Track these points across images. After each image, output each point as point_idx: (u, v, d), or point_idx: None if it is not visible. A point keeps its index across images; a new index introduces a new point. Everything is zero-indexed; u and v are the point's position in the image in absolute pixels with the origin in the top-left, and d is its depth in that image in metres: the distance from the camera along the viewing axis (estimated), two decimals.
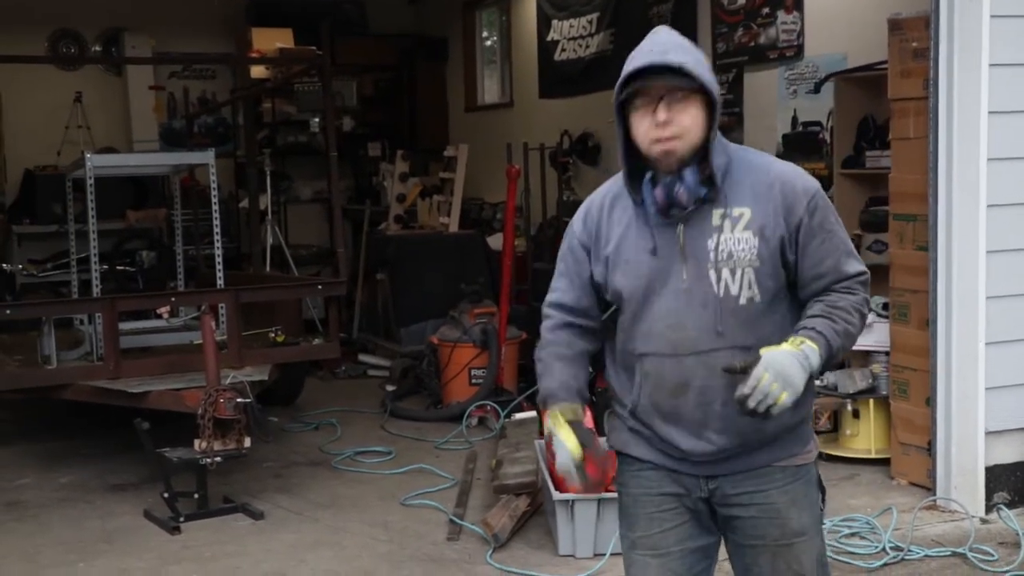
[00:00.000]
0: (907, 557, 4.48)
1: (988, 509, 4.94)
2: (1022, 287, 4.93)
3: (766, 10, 7.37)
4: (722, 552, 2.74)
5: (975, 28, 4.75)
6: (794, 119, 7.29)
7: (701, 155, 2.50)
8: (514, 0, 10.69)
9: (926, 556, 4.50)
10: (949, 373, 5.02)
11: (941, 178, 4.96)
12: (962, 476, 5.00)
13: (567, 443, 2.53)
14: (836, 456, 5.78)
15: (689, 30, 8.14)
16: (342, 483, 5.78)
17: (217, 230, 6.39)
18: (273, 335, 6.47)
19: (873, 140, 6.37)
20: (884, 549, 4.54)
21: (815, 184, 2.57)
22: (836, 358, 2.54)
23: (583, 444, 2.53)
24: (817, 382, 5.83)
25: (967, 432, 4.98)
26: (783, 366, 2.40)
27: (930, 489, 5.15)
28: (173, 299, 6.37)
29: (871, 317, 5.68)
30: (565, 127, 9.62)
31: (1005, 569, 4.33)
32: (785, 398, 2.39)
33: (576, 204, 10.24)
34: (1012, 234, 4.90)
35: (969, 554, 4.48)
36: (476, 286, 7.26)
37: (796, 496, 2.59)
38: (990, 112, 4.78)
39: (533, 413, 6.12)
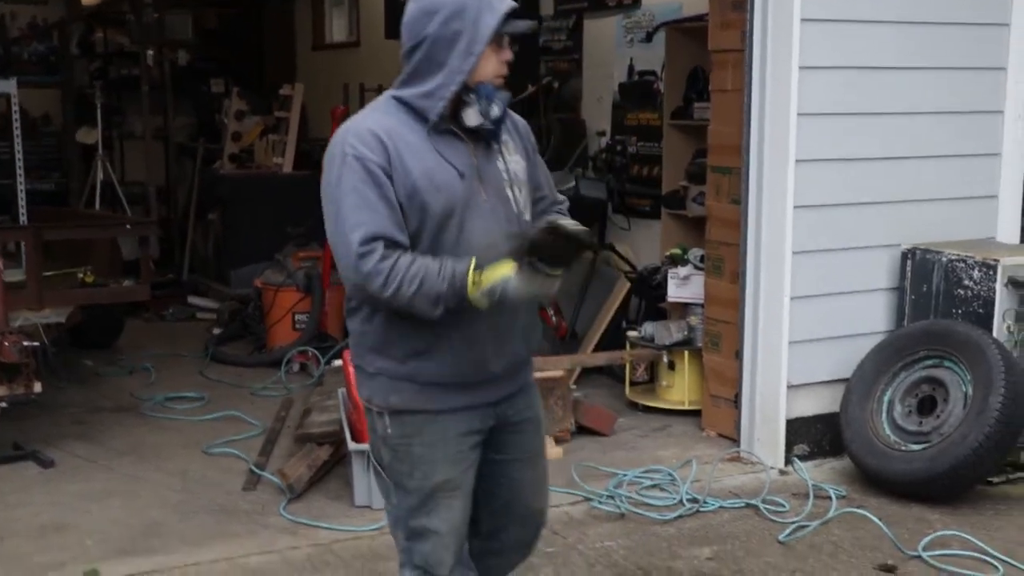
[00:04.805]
0: (702, 509, 4.51)
1: (787, 461, 5.01)
2: (825, 243, 4.98)
3: None
4: None
5: None
6: (631, 68, 7.25)
7: None
8: None
9: (720, 508, 4.54)
10: (756, 326, 5.06)
11: (754, 132, 4.96)
12: (765, 428, 5.07)
13: (504, 272, 2.50)
14: (652, 407, 5.82)
15: None
16: (148, 430, 5.58)
17: (20, 164, 6.05)
18: (82, 275, 6.18)
19: (702, 92, 6.36)
20: (681, 501, 4.56)
21: None
22: None
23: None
24: (633, 333, 5.88)
25: (771, 385, 5.03)
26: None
27: (736, 441, 5.21)
28: None
29: (689, 269, 5.74)
30: None
31: (793, 520, 4.39)
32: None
33: None
34: (818, 190, 4.93)
35: (761, 505, 4.53)
36: (302, 229, 7.07)
37: (541, 407, 2.96)
38: (801, 67, 4.78)
39: None
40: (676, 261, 5.84)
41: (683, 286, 5.76)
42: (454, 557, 2.78)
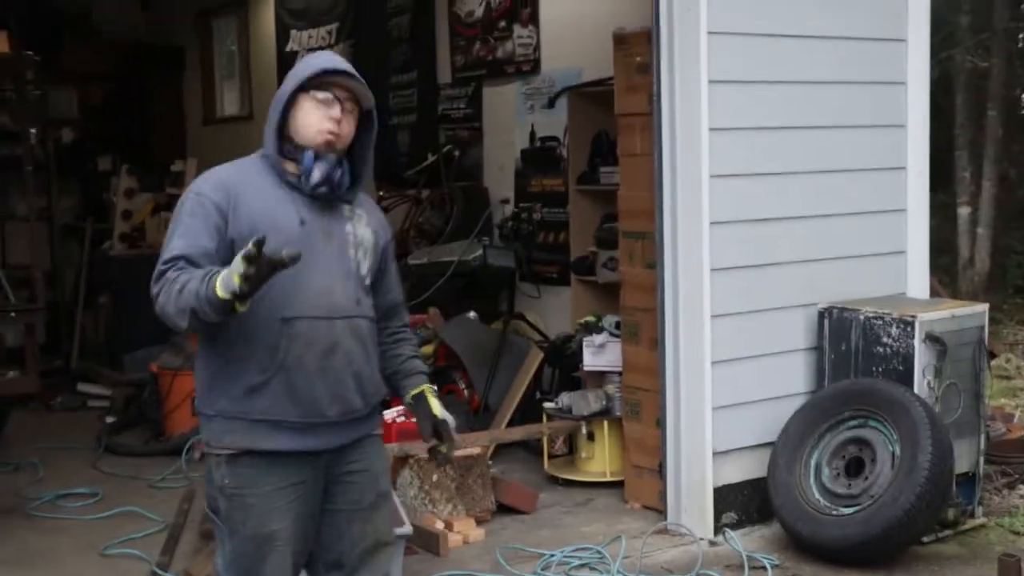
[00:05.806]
0: None
1: (717, 531, 4.86)
2: (744, 305, 4.90)
3: (503, 23, 7.23)
4: None
5: (693, 44, 4.68)
6: (532, 134, 7.18)
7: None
8: (251, 9, 10.22)
9: None
10: (678, 393, 4.94)
11: (666, 195, 4.88)
12: (691, 498, 4.92)
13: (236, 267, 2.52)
14: (572, 481, 5.64)
15: (427, 42, 7.95)
16: (37, 533, 5.18)
17: None
18: None
19: (607, 156, 6.31)
20: None
21: None
22: None
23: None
24: (550, 404, 5.70)
25: (696, 453, 4.90)
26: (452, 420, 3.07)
27: (662, 512, 5.05)
28: None
29: (604, 337, 5.61)
30: None
31: None
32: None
33: None
34: (734, 252, 4.86)
35: None
36: None
37: (383, 463, 3.09)
38: (711, 129, 4.73)
39: None
40: (590, 329, 5.71)
41: (599, 354, 5.63)
42: None
